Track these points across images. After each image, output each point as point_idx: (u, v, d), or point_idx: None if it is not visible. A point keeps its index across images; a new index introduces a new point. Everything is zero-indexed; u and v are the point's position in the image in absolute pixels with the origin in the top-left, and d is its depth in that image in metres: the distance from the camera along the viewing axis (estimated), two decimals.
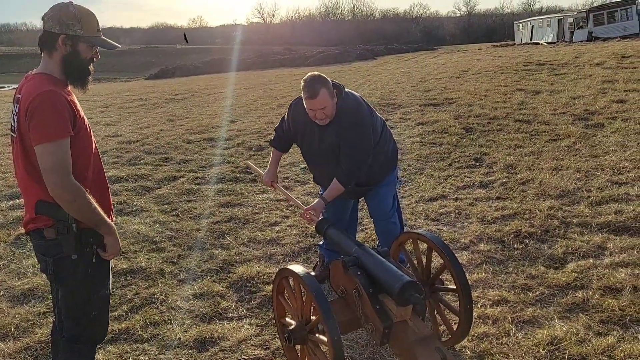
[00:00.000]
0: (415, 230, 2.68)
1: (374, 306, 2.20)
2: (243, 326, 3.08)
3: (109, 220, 2.07)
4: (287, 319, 2.49)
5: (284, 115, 3.35)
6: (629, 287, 3.07)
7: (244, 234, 4.51)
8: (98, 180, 2.13)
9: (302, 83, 2.92)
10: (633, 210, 4.18)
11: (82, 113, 2.04)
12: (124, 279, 3.69)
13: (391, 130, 3.46)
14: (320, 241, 3.68)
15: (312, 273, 2.35)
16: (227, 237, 4.46)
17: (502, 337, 2.73)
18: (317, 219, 2.95)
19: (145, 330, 3.06)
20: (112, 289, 2.60)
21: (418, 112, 9.60)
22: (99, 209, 2.00)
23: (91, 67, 2.09)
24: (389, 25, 69.52)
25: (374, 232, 4.32)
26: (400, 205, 4.99)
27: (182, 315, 3.22)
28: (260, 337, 2.96)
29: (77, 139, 1.97)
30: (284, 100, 13.68)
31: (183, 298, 3.43)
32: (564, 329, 2.72)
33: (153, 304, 3.36)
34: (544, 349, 2.59)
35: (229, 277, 3.70)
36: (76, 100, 2.04)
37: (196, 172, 6.72)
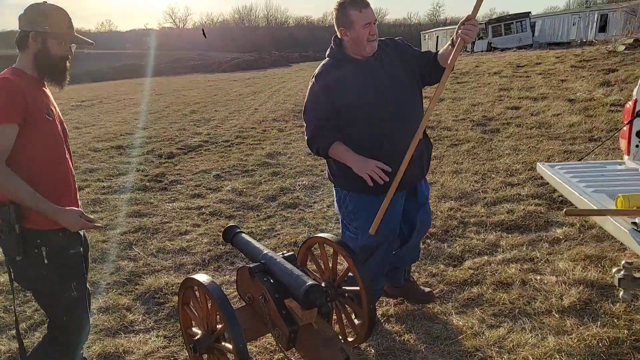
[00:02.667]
0: (321, 235, 2.74)
1: (280, 311, 2.22)
2: (150, 339, 2.97)
3: (45, 202, 1.95)
4: (194, 329, 2.44)
5: (311, 102, 2.61)
6: (518, 282, 3.34)
7: (152, 244, 4.35)
8: (55, 174, 2.07)
9: (342, 4, 2.46)
10: (523, 209, 4.57)
11: (49, 108, 2.02)
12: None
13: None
14: None
15: (218, 282, 2.32)
16: (135, 247, 4.28)
17: (405, 334, 2.86)
18: None
19: None
20: (10, 306, 2.44)
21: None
22: (29, 190, 1.91)
23: (67, 64, 2.10)
24: (304, 32, 70.49)
25: (286, 237, 4.37)
26: (312, 210, 5.11)
27: None
28: (167, 349, 2.87)
29: (28, 131, 1.93)
30: (197, 106, 13.39)
31: None
32: (460, 323, 2.91)
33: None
34: (442, 343, 2.75)
35: (136, 289, 3.56)
36: (46, 98, 2.04)
37: (103, 181, 6.39)
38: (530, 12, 30.18)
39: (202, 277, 2.23)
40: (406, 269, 3.12)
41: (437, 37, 37.66)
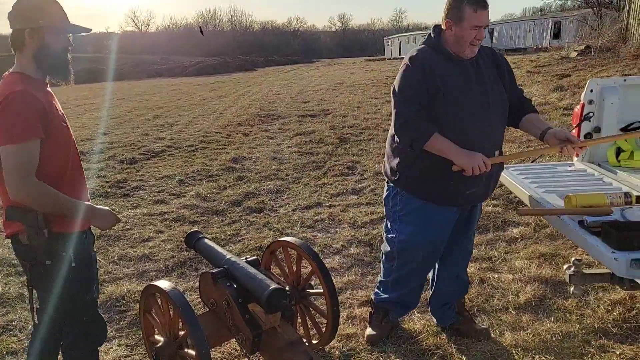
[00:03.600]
0: (284, 238, 2.76)
1: (243, 316, 2.22)
2: (112, 348, 2.92)
3: (83, 203, 1.98)
4: (156, 337, 2.41)
5: (407, 84, 2.34)
6: (477, 280, 3.44)
7: (114, 251, 4.26)
8: (74, 177, 2.05)
9: None
10: (482, 210, 4.70)
11: (60, 113, 1.94)
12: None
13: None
14: (376, 288, 2.89)
15: (181, 288, 2.30)
16: (96, 255, 4.17)
17: None
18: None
19: None
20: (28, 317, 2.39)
21: (296, 123, 9.86)
22: (68, 198, 1.92)
23: (68, 56, 2.00)
24: (269, 37, 70.40)
25: (251, 242, 4.36)
26: (277, 214, 5.12)
27: None
28: (129, 358, 2.82)
29: (51, 141, 1.88)
30: (160, 111, 13.17)
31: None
32: (422, 322, 2.97)
33: (11, 332, 3.07)
34: (404, 342, 2.81)
35: (98, 297, 3.48)
36: (55, 101, 1.94)
37: None
38: None
39: (164, 284, 2.21)
40: (457, 302, 2.87)
41: (400, 42, 38.36)
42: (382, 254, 2.78)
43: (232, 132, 9.54)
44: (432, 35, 2.44)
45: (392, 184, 2.61)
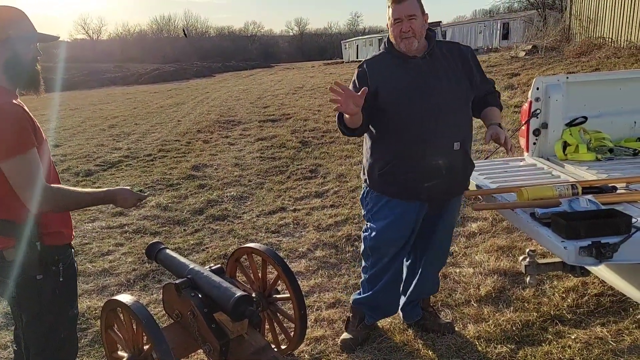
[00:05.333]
0: (249, 245, 2.75)
1: (209, 325, 2.20)
2: None
3: (99, 190, 2.00)
4: (120, 353, 2.36)
5: (354, 88, 2.46)
6: (440, 276, 3.50)
7: None
8: (57, 182, 2.00)
9: None
10: None
11: (37, 123, 1.86)
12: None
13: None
14: (357, 292, 2.93)
15: (145, 301, 2.26)
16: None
17: (337, 337, 2.92)
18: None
19: None
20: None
21: (257, 128, 9.81)
22: (82, 190, 1.93)
23: (38, 66, 1.95)
24: (226, 42, 69.72)
25: (215, 250, 4.32)
26: (241, 220, 5.09)
27: None
28: None
29: (40, 150, 1.83)
30: (116, 120, 12.84)
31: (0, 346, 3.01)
32: (389, 320, 3.02)
33: None
34: (373, 342, 2.85)
35: None
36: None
37: None
38: (441, 22, 31.96)
39: (125, 298, 2.17)
40: (423, 299, 2.95)
41: (357, 45, 38.80)
42: (361, 254, 2.84)
43: (191, 139, 9.40)
44: (385, 41, 2.57)
45: (364, 184, 2.72)
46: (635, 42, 10.21)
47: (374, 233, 2.65)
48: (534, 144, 3.36)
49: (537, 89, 3.26)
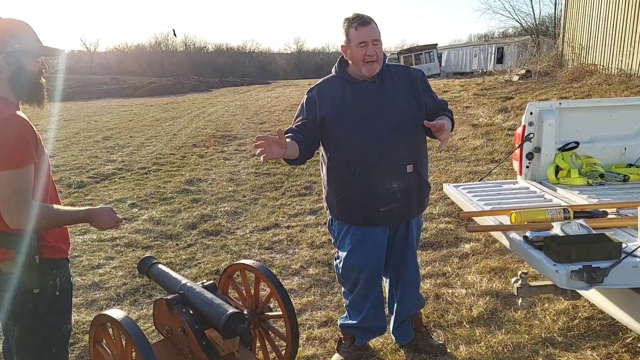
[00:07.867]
0: (242, 261, 2.74)
1: (200, 342, 2.18)
2: None
3: (79, 209, 1.98)
4: None
5: (297, 112, 2.60)
6: (433, 296, 3.53)
7: None
8: (53, 196, 2.01)
9: (346, 20, 2.42)
10: (435, 227, 4.84)
11: (39, 135, 1.86)
12: None
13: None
14: (343, 316, 2.94)
15: (134, 316, 2.24)
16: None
17: (328, 356, 2.91)
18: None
19: None
20: None
21: (253, 144, 9.83)
22: (64, 208, 1.92)
23: (42, 80, 1.95)
24: (223, 58, 70.12)
25: (207, 266, 4.30)
26: (235, 236, 5.07)
27: None
28: None
29: (40, 164, 1.85)
30: (110, 132, 12.83)
31: None
32: (381, 340, 3.01)
33: None
34: None
35: None
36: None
37: None
38: (437, 44, 32.40)
39: (114, 313, 2.15)
40: (414, 318, 2.92)
41: None
42: (338, 280, 2.88)
43: (186, 153, 9.40)
44: (337, 63, 2.60)
45: (327, 211, 2.76)
46: (625, 70, 10.41)
47: (342, 261, 2.68)
48: (527, 167, 3.40)
49: (531, 113, 3.32)
